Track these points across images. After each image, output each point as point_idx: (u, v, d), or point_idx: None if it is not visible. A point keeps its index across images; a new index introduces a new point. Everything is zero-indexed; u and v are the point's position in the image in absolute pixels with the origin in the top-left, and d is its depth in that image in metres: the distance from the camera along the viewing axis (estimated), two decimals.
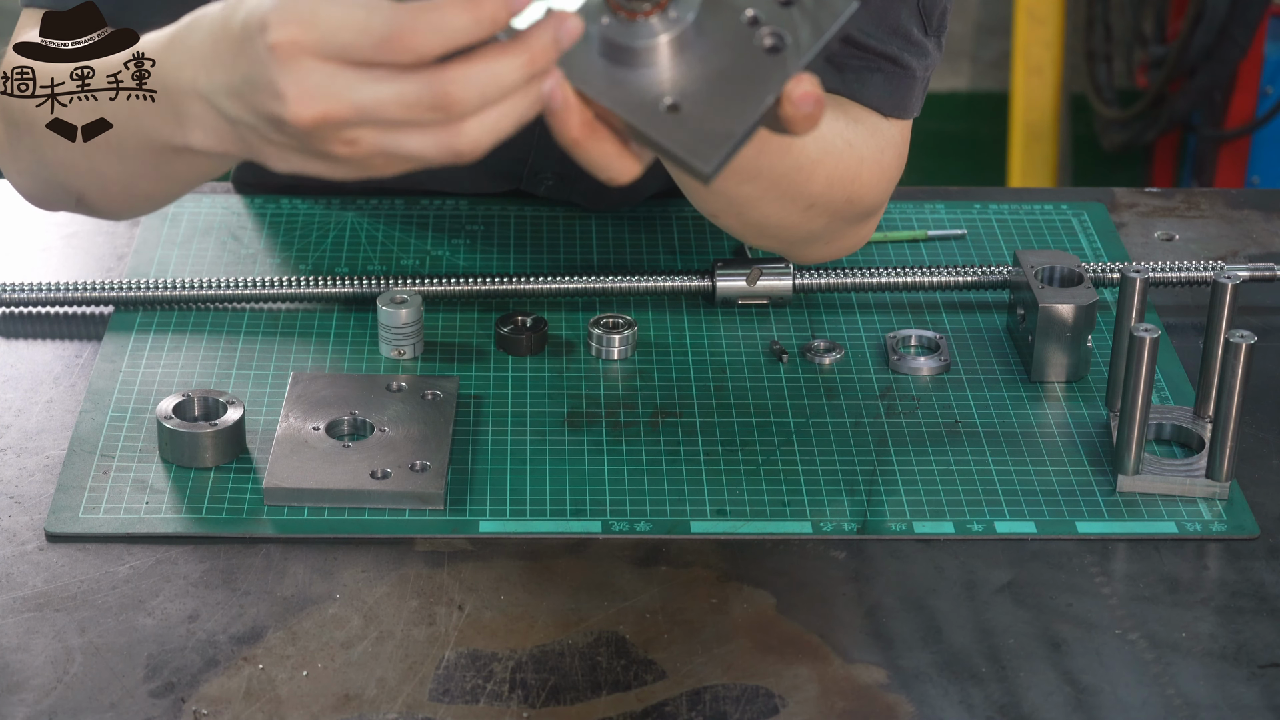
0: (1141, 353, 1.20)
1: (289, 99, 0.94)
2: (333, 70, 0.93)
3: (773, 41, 0.96)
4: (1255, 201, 1.61)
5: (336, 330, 1.39)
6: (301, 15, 0.93)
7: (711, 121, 0.95)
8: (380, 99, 0.92)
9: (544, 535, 1.20)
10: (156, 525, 1.19)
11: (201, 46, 1.01)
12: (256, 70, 0.96)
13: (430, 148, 0.94)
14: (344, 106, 0.93)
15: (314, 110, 0.94)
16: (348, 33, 0.91)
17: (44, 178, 1.26)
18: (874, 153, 1.30)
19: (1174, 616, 1.14)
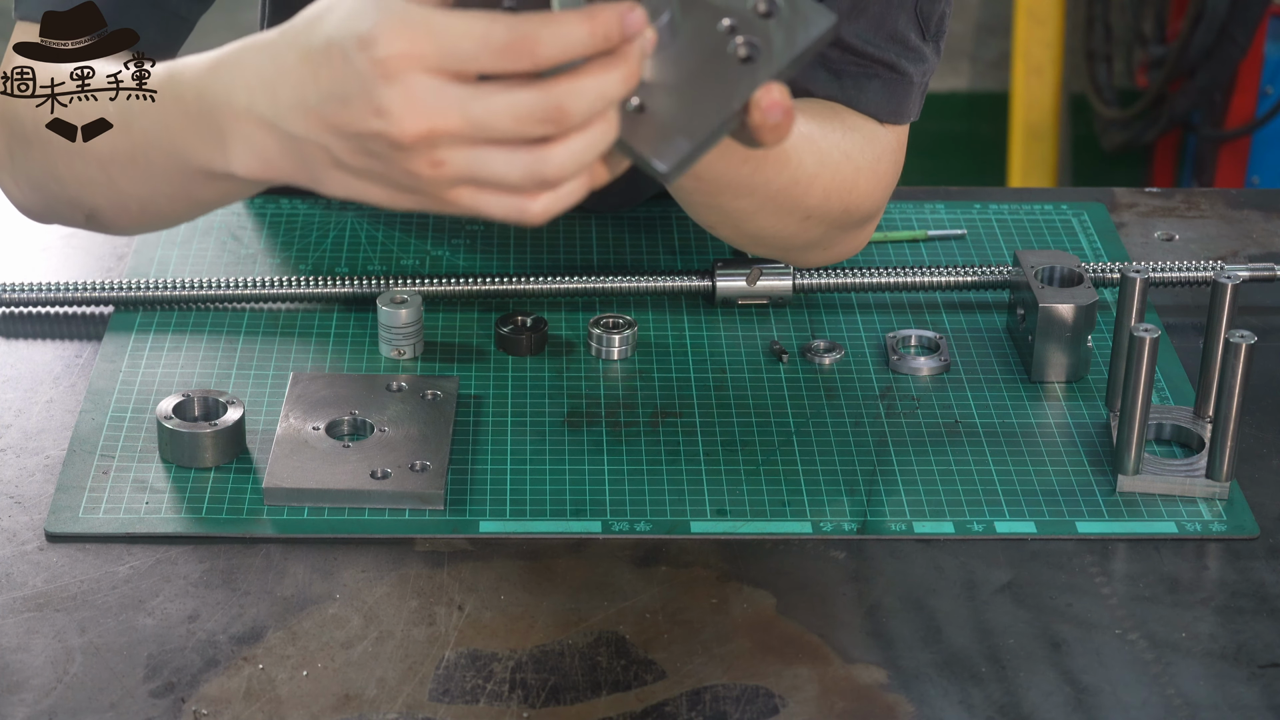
0: (1141, 353, 1.20)
1: (394, 113, 0.93)
2: (443, 83, 0.93)
3: (746, 51, 0.96)
4: (1255, 201, 1.61)
5: (336, 330, 1.39)
6: (414, 29, 0.92)
7: (675, 124, 0.95)
8: (493, 110, 0.93)
9: (544, 535, 1.20)
10: (156, 525, 1.19)
11: (261, 68, 1.00)
12: (351, 86, 0.95)
13: (518, 170, 0.95)
14: (454, 119, 0.93)
15: (421, 125, 0.93)
16: (469, 42, 0.92)
17: (53, 192, 1.25)
18: (870, 162, 1.31)
19: (1174, 616, 1.14)
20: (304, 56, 0.97)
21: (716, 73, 0.96)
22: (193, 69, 1.06)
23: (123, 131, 1.13)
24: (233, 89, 1.02)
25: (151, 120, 1.10)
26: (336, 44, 0.95)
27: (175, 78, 1.08)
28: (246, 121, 1.01)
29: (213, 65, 1.05)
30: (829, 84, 1.31)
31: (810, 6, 0.96)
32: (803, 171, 1.23)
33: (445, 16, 0.92)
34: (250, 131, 1.01)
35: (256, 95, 1.00)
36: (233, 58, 1.03)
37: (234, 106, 1.02)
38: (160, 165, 1.11)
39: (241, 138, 1.02)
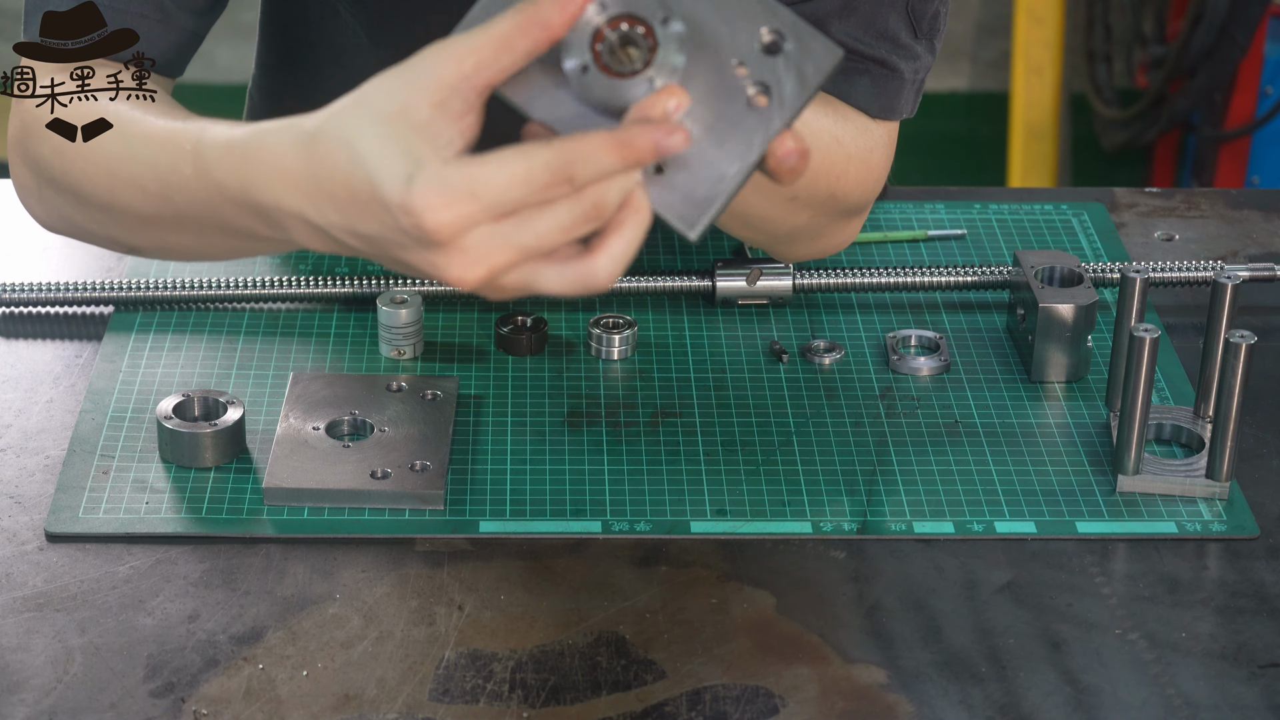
0: (1141, 353, 1.20)
1: (452, 270, 0.96)
2: (491, 227, 0.95)
3: (757, 93, 0.96)
4: (1255, 201, 1.61)
5: (336, 330, 1.39)
6: (456, 194, 0.94)
7: (695, 183, 0.96)
8: (541, 234, 0.95)
9: (544, 535, 1.20)
10: (156, 525, 1.19)
11: (307, 184, 1.01)
12: (404, 238, 0.97)
13: (567, 284, 0.98)
14: (509, 254, 0.96)
15: (480, 273, 0.96)
16: (514, 191, 0.94)
17: (89, 232, 1.23)
18: (862, 151, 1.31)
19: (1174, 616, 1.14)
20: (349, 194, 0.98)
21: (730, 122, 0.96)
22: (222, 154, 1.06)
23: (162, 201, 1.12)
24: (280, 194, 1.02)
25: (195, 198, 1.09)
26: (379, 201, 0.97)
27: (206, 160, 1.07)
28: (298, 222, 1.02)
29: (244, 162, 1.04)
30: None
31: (815, 40, 0.95)
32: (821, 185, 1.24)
33: (484, 170, 0.94)
34: (303, 228, 1.02)
35: (306, 207, 1.01)
36: (271, 160, 1.02)
37: (283, 209, 1.02)
38: (212, 235, 1.12)
39: (297, 229, 1.03)
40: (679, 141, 0.94)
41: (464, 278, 0.97)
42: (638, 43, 0.95)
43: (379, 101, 0.97)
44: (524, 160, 0.94)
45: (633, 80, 0.96)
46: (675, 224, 0.97)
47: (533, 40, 0.95)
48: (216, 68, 3.76)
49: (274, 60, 1.55)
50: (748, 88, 0.96)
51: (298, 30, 1.50)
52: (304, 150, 1.00)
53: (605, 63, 0.95)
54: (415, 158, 0.95)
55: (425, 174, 0.95)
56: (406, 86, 0.96)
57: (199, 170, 1.07)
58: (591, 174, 0.94)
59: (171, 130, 1.11)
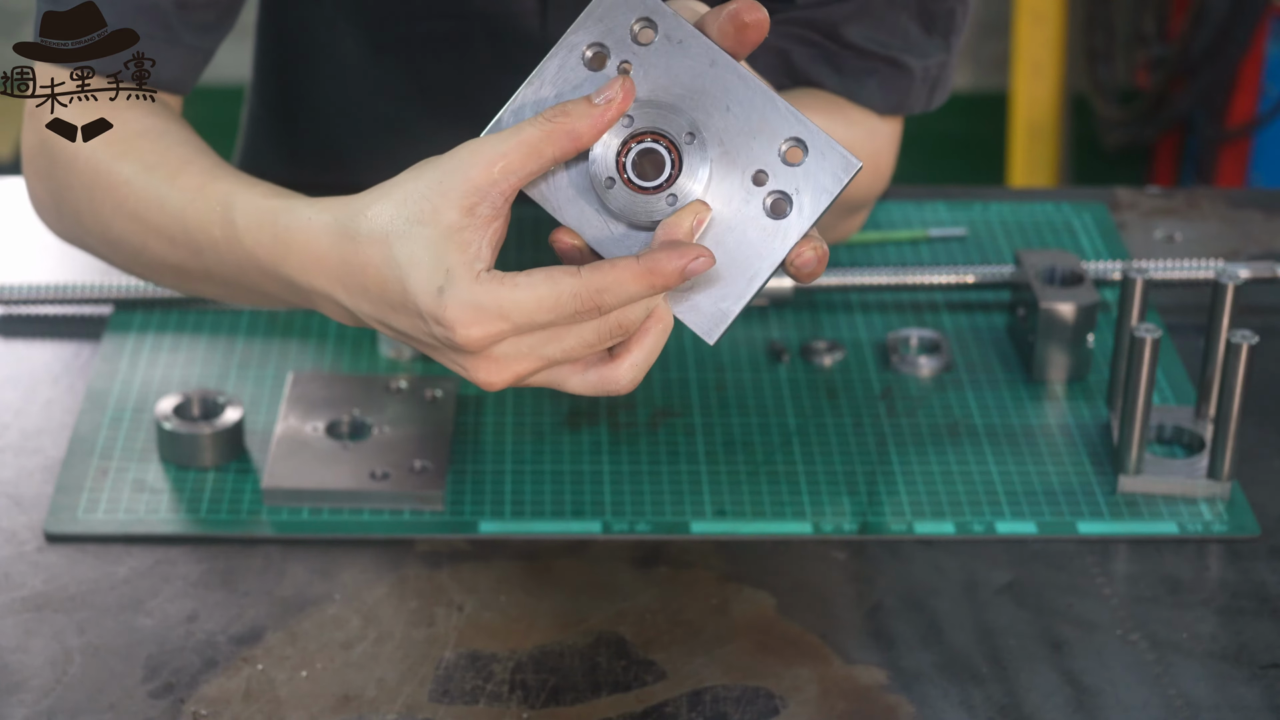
0: (1143, 353, 1.20)
1: (479, 373, 1.00)
2: (520, 339, 0.98)
3: (776, 204, 0.98)
4: (1256, 201, 1.61)
5: (336, 330, 1.39)
6: (488, 312, 0.97)
7: (716, 296, 0.98)
8: (566, 349, 0.98)
9: (544, 535, 1.20)
10: (156, 526, 1.19)
11: (340, 275, 1.03)
12: (435, 343, 1.00)
13: (589, 386, 1.01)
14: (535, 364, 0.99)
15: (506, 378, 1.00)
16: (544, 315, 0.96)
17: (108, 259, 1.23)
18: (869, 156, 1.31)
19: (1175, 617, 1.14)
20: (383, 293, 1.01)
21: (751, 234, 0.98)
22: (255, 229, 1.07)
23: (192, 254, 1.13)
24: (313, 277, 1.04)
25: (224, 260, 1.10)
26: (411, 305, 0.99)
27: (237, 230, 1.08)
28: (328, 302, 1.04)
29: (280, 240, 1.05)
30: (830, 78, 1.31)
31: (833, 150, 0.97)
32: None
33: (513, 294, 0.97)
34: (332, 308, 1.05)
35: (339, 292, 1.03)
36: (304, 245, 1.04)
37: (314, 288, 1.04)
38: (241, 289, 1.13)
39: (331, 308, 1.05)
40: (702, 265, 0.96)
41: (491, 381, 1.00)
42: (662, 159, 0.97)
43: (412, 202, 0.99)
44: (553, 287, 0.96)
45: (657, 195, 0.98)
46: (696, 331, 1.00)
47: (560, 149, 0.97)
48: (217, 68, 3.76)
49: (270, 66, 1.55)
50: (767, 199, 0.98)
51: (293, 37, 1.50)
52: (338, 242, 1.02)
53: (629, 177, 0.97)
54: (446, 268, 0.98)
55: (456, 289, 0.97)
56: (438, 187, 0.98)
57: (228, 236, 1.08)
58: (618, 301, 0.96)
59: (201, 187, 1.12)
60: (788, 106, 0.97)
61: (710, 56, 0.98)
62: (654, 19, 0.97)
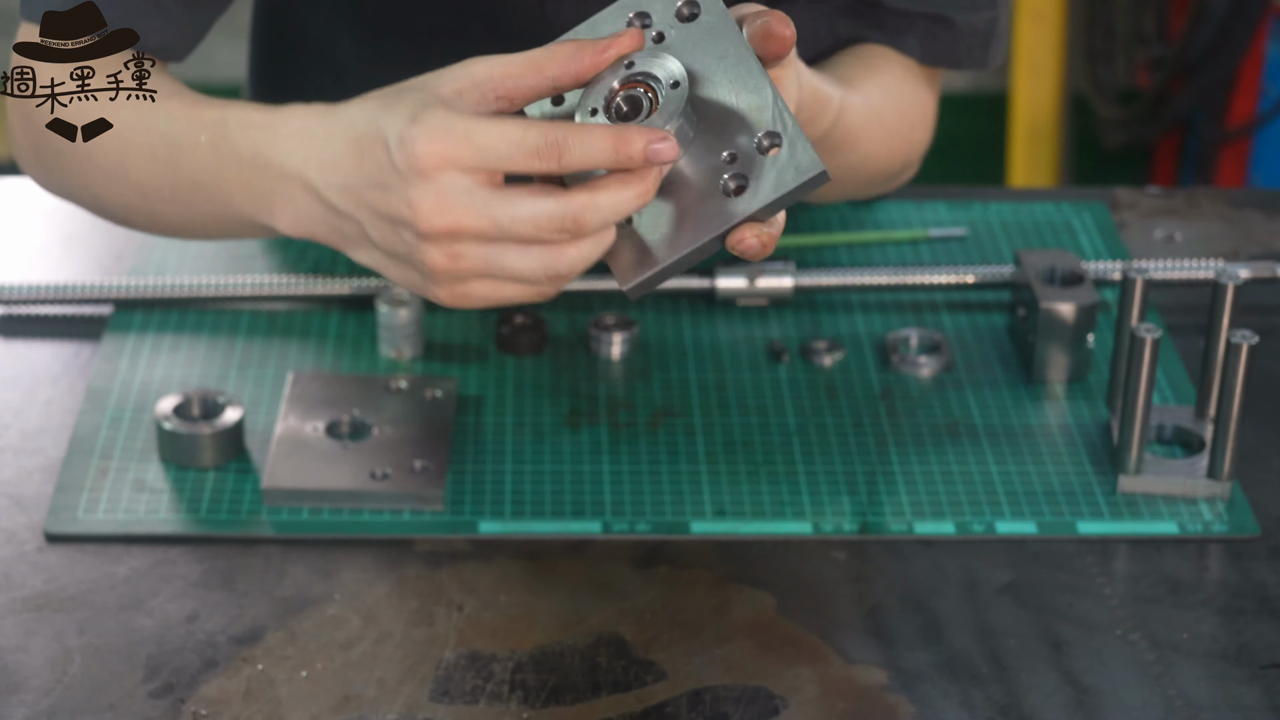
0: (1142, 353, 1.20)
1: (423, 209, 1.01)
2: (472, 184, 1.01)
3: (735, 185, 1.01)
4: (1256, 201, 1.61)
5: (336, 330, 1.39)
6: (453, 133, 1.00)
7: (647, 245, 1.03)
8: (516, 217, 1.00)
9: (544, 535, 1.20)
10: (156, 526, 1.19)
11: (316, 143, 1.08)
12: (390, 177, 1.03)
13: (531, 266, 1.02)
14: (479, 221, 1.01)
15: (447, 222, 1.01)
16: (504, 146, 0.99)
17: (84, 201, 1.27)
18: (903, 127, 1.35)
19: (1175, 617, 1.14)
20: (354, 142, 1.05)
21: (703, 201, 1.02)
22: (246, 122, 1.12)
23: (168, 167, 1.17)
24: (287, 155, 1.08)
25: (201, 163, 1.14)
26: (382, 138, 1.03)
27: (228, 126, 1.13)
28: (295, 186, 1.08)
29: (268, 126, 1.11)
30: (872, 33, 1.34)
31: (806, 153, 1.00)
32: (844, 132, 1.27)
33: (481, 123, 1.00)
34: (297, 195, 1.09)
35: (309, 167, 1.07)
36: (292, 126, 1.09)
37: (285, 170, 1.08)
38: (201, 206, 1.17)
39: (287, 199, 1.09)
40: (668, 150, 0.99)
41: (431, 222, 1.01)
42: (640, 101, 1.02)
43: (407, 82, 1.05)
44: (521, 126, 0.99)
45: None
46: (615, 274, 1.04)
47: (558, 69, 1.02)
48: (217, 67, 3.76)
49: (266, 64, 1.55)
50: (730, 178, 1.02)
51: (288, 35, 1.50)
52: (327, 113, 1.08)
53: (612, 111, 1.02)
54: (425, 105, 1.02)
55: (429, 113, 1.01)
56: (438, 75, 1.04)
57: (215, 138, 1.13)
58: (581, 156, 0.99)
59: (196, 102, 1.17)
60: (783, 106, 1.01)
61: (733, 46, 1.02)
62: (700, 3, 1.04)
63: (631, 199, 1.01)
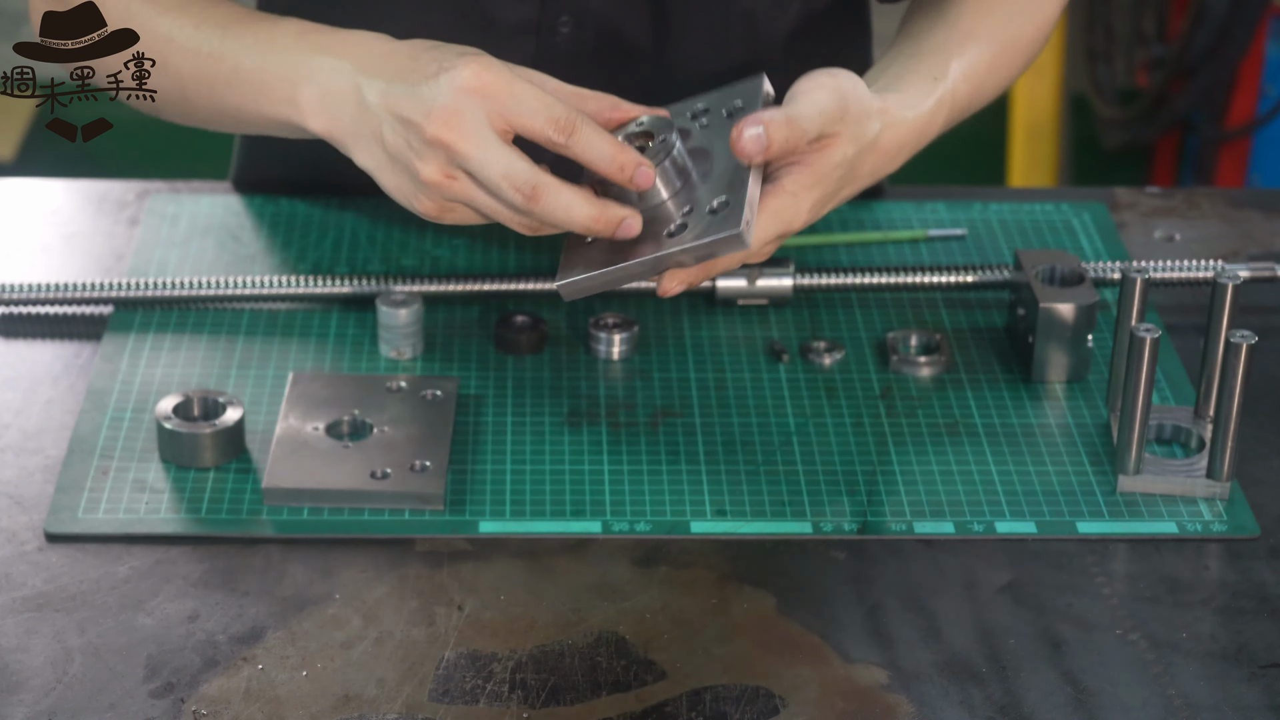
0: (1142, 353, 1.20)
1: (434, 116, 1.12)
2: (487, 122, 1.12)
3: (675, 229, 1.14)
4: (1256, 201, 1.61)
5: (336, 330, 1.39)
6: (502, 74, 1.12)
7: (591, 256, 1.15)
8: (489, 161, 1.11)
9: (544, 535, 1.20)
10: (156, 525, 1.19)
11: (375, 42, 1.18)
12: (425, 87, 1.13)
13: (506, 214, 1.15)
14: (469, 146, 1.12)
15: (448, 135, 1.12)
16: (535, 102, 1.12)
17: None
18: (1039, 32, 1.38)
19: (1175, 617, 1.14)
20: (412, 52, 1.16)
21: (651, 236, 1.14)
22: (307, 26, 1.22)
23: (211, 60, 1.24)
24: (342, 48, 1.18)
25: (247, 53, 1.22)
26: (438, 57, 1.14)
27: (285, 26, 1.22)
28: (338, 75, 1.17)
29: (333, 31, 1.21)
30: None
31: (739, 219, 1.11)
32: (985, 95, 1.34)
33: (527, 83, 1.13)
34: (335, 83, 1.18)
35: (360, 59, 1.17)
36: (360, 34, 1.20)
37: (335, 60, 1.18)
38: (234, 98, 1.24)
39: (323, 87, 1.18)
40: (645, 178, 1.13)
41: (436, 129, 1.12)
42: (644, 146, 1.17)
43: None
44: (553, 99, 1.12)
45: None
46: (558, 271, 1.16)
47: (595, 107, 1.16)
48: None
49: None
50: (677, 223, 1.14)
51: None
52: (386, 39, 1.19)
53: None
54: (491, 58, 1.14)
55: (491, 59, 1.14)
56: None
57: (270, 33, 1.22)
58: (586, 145, 1.12)
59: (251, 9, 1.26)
60: (755, 190, 1.13)
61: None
62: (743, 101, 1.18)
63: (585, 220, 1.13)
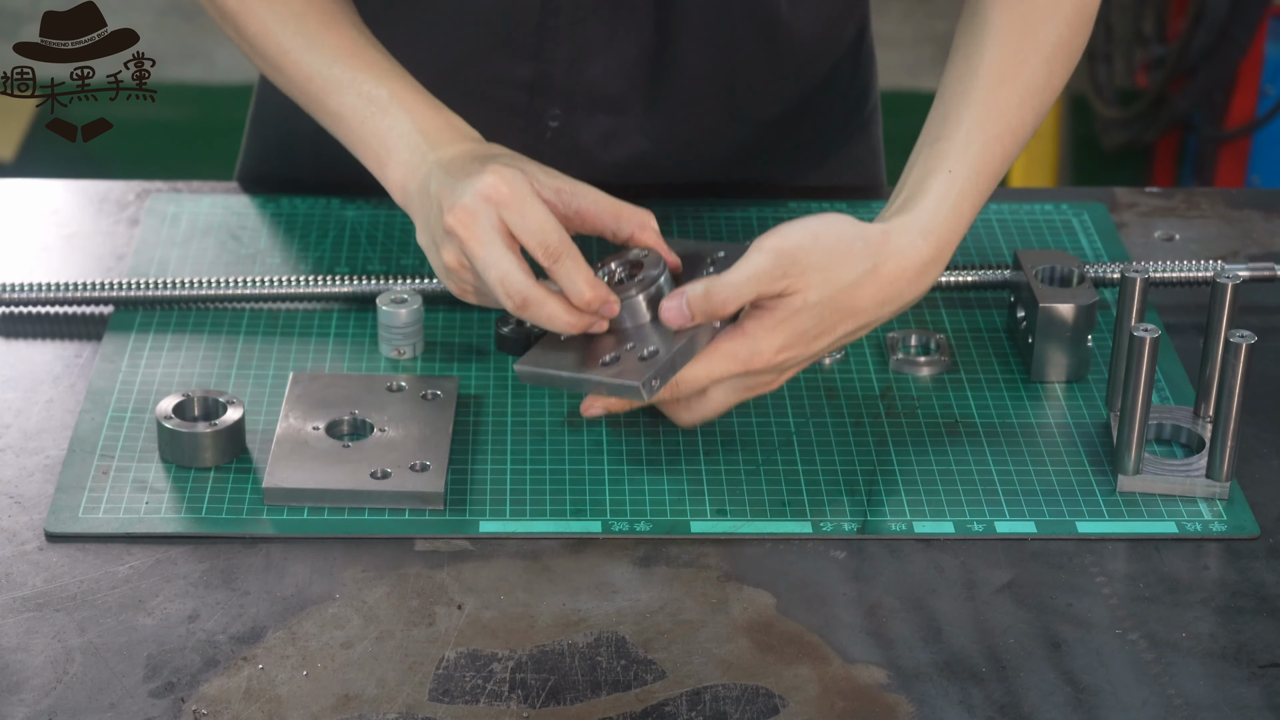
0: (1142, 353, 1.20)
1: (454, 210, 1.21)
2: (496, 230, 1.21)
3: (606, 359, 1.20)
4: (1255, 201, 1.61)
5: (336, 330, 1.39)
6: (520, 192, 1.21)
7: (553, 354, 1.23)
8: (492, 264, 1.20)
9: (544, 535, 1.20)
10: (156, 525, 1.19)
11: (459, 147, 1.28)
12: (459, 182, 1.23)
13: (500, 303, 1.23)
14: (475, 245, 1.21)
15: (460, 232, 1.21)
16: (537, 227, 1.21)
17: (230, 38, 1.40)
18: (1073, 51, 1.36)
19: (1174, 616, 1.14)
20: (475, 152, 1.27)
21: (596, 358, 1.21)
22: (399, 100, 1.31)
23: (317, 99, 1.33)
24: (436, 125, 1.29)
25: (347, 110, 1.31)
26: (483, 159, 1.25)
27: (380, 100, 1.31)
28: (418, 156, 1.28)
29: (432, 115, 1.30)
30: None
31: (643, 374, 1.18)
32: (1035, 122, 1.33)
33: (540, 207, 1.21)
34: (413, 163, 1.28)
35: (441, 144, 1.28)
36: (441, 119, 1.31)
37: (423, 131, 1.29)
38: (334, 131, 1.33)
39: (405, 166, 1.29)
40: (608, 312, 1.21)
41: (449, 222, 1.21)
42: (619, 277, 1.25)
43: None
44: (557, 228, 1.21)
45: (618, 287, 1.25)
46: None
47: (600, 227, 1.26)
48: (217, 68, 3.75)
49: None
50: (614, 356, 1.20)
51: None
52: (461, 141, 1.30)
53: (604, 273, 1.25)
54: (530, 164, 1.25)
55: (525, 169, 1.24)
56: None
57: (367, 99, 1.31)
58: (564, 277, 1.21)
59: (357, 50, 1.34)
60: (681, 352, 1.19)
61: None
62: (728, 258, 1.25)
63: (564, 323, 1.21)
